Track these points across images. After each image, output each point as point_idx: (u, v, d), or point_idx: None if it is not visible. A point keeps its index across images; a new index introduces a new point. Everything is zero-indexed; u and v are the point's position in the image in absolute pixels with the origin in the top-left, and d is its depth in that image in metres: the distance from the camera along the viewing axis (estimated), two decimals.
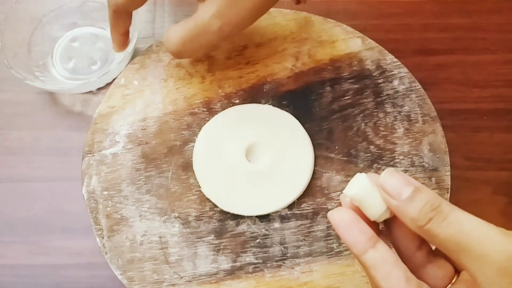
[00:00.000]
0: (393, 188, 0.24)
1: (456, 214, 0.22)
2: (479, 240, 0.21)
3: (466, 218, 0.22)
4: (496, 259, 0.21)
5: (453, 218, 0.22)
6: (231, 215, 0.34)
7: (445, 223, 0.22)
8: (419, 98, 0.37)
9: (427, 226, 0.23)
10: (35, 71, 0.42)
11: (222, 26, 0.32)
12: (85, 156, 0.36)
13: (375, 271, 0.24)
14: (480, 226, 0.22)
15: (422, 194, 0.23)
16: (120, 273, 0.33)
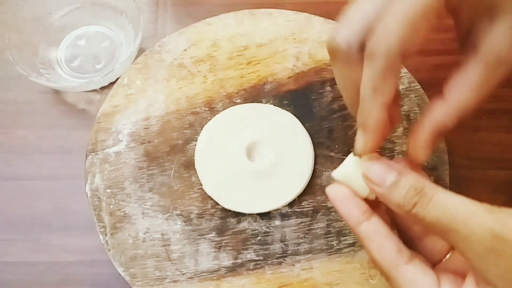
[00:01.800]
0: (376, 176, 0.24)
1: (440, 196, 0.22)
2: (464, 220, 0.21)
3: (450, 199, 0.22)
4: (482, 237, 0.21)
5: (437, 200, 0.22)
6: (232, 213, 0.34)
7: (430, 206, 0.22)
8: (418, 98, 0.37)
9: (413, 211, 0.23)
10: (40, 68, 0.42)
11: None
12: (88, 155, 0.36)
13: (369, 242, 0.25)
14: (464, 205, 0.22)
15: (405, 179, 0.23)
16: (122, 270, 0.33)
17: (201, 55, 0.40)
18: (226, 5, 0.44)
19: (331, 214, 0.34)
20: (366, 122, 0.25)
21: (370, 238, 0.25)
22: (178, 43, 0.40)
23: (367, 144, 0.25)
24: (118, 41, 0.44)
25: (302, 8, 0.41)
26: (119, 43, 0.44)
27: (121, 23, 0.44)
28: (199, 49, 0.40)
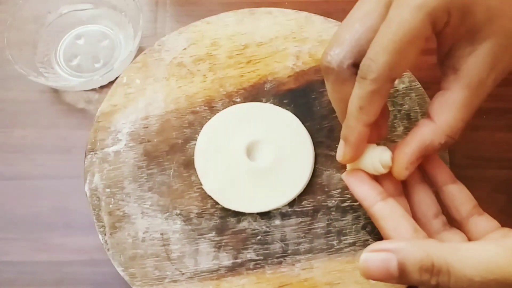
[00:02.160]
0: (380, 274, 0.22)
1: (457, 268, 0.21)
2: (496, 283, 0.21)
3: (469, 267, 0.21)
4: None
5: (457, 275, 0.21)
6: (232, 212, 0.34)
7: (454, 282, 0.21)
8: (418, 97, 0.37)
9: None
10: (39, 68, 0.42)
11: (496, 77, 0.26)
12: (87, 154, 0.36)
13: (384, 221, 0.25)
14: (487, 263, 0.21)
15: (410, 263, 0.22)
16: (122, 270, 0.33)
17: (201, 54, 0.39)
18: (226, 4, 0.44)
19: (331, 213, 0.34)
20: (348, 136, 0.26)
21: (386, 217, 0.25)
22: (178, 42, 0.40)
23: (346, 155, 0.27)
24: (118, 40, 0.44)
25: (302, 7, 0.41)
26: (118, 42, 0.44)
27: (120, 22, 0.44)
28: (198, 48, 0.40)
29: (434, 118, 0.26)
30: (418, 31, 0.23)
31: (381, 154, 0.27)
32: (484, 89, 0.25)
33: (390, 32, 0.23)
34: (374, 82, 0.24)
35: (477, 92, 0.25)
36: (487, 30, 0.24)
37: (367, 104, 0.25)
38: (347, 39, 0.26)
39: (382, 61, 0.24)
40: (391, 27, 0.23)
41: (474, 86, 0.25)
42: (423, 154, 0.26)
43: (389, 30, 0.23)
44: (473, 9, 0.23)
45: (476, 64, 0.25)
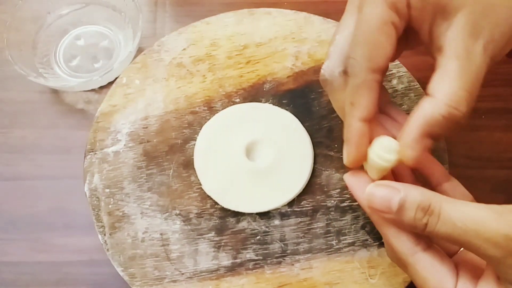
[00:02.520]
0: (381, 205, 0.24)
1: (446, 211, 0.23)
2: (476, 232, 0.22)
3: (457, 212, 0.22)
4: (497, 244, 0.21)
5: (445, 217, 0.22)
6: (231, 212, 0.34)
7: (439, 224, 0.23)
8: (418, 97, 0.37)
9: (426, 231, 0.23)
10: (39, 68, 0.42)
11: (485, 46, 0.24)
12: (87, 154, 0.36)
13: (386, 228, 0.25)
14: (473, 215, 0.22)
15: (410, 200, 0.23)
16: (121, 270, 0.33)
17: (200, 55, 0.39)
18: (225, 5, 0.44)
19: (330, 213, 0.34)
20: (347, 135, 0.26)
21: (388, 223, 0.25)
22: (177, 43, 0.40)
23: (348, 155, 0.26)
24: (117, 41, 0.44)
25: (302, 7, 0.41)
26: (118, 42, 0.44)
27: (120, 22, 0.44)
28: (198, 48, 0.40)
29: (432, 93, 0.25)
30: (381, 18, 0.24)
31: (383, 141, 0.25)
32: (476, 57, 0.24)
33: (359, 27, 0.25)
34: (357, 76, 0.25)
35: (468, 60, 0.24)
36: (456, 1, 0.24)
37: (356, 98, 0.25)
38: (332, 51, 0.28)
39: (359, 54, 0.25)
40: (359, 23, 0.25)
41: (462, 55, 0.24)
42: (428, 130, 0.24)
43: (358, 26, 0.25)
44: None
45: (456, 36, 0.24)
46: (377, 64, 0.25)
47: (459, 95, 0.24)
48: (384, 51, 0.25)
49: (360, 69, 0.25)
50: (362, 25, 0.25)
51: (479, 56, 0.24)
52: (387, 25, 0.25)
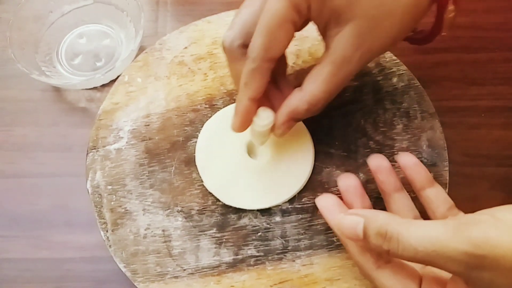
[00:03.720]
0: (350, 233, 0.26)
1: (405, 237, 0.24)
2: (436, 253, 0.23)
3: (415, 237, 0.23)
4: (460, 262, 0.22)
5: (404, 243, 0.24)
6: (233, 209, 0.35)
7: (401, 250, 0.24)
8: (417, 95, 0.38)
9: (391, 255, 0.25)
10: (41, 66, 0.42)
11: (362, 55, 0.28)
12: (89, 152, 0.36)
13: (351, 246, 0.28)
14: (430, 237, 0.23)
15: (370, 227, 0.25)
16: (124, 266, 0.33)
17: (202, 53, 0.40)
18: (226, 3, 0.44)
19: None
20: (237, 107, 0.30)
21: (351, 243, 0.28)
22: (179, 41, 0.40)
23: (235, 124, 0.31)
24: (119, 39, 0.45)
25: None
26: (120, 41, 0.45)
27: (121, 21, 0.45)
28: (199, 46, 0.40)
29: (303, 87, 0.30)
30: (283, 16, 0.27)
31: (260, 112, 0.31)
32: (349, 66, 0.28)
33: (263, 18, 0.27)
34: (254, 61, 0.28)
35: (341, 68, 0.28)
36: (349, 14, 0.27)
37: (250, 80, 0.29)
38: (236, 23, 0.30)
39: (258, 43, 0.28)
40: (264, 14, 0.27)
41: (338, 62, 0.28)
42: (292, 117, 0.30)
43: (263, 17, 0.27)
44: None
45: (340, 44, 0.28)
46: (272, 55, 0.28)
47: (320, 97, 0.29)
48: (281, 44, 0.28)
49: (257, 56, 0.28)
50: (265, 16, 0.27)
51: (353, 64, 0.29)
52: (287, 23, 0.28)
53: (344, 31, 0.28)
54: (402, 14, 0.28)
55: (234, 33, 0.30)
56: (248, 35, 0.29)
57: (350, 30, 0.27)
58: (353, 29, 0.27)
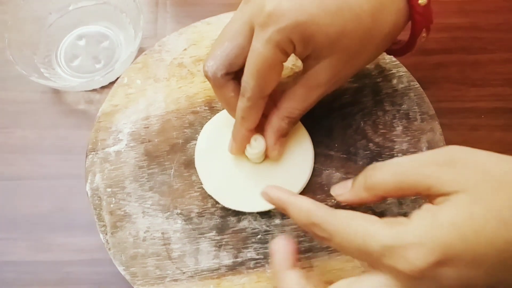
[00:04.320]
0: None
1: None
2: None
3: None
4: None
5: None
6: (232, 212, 0.35)
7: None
8: (417, 96, 0.38)
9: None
10: (40, 68, 0.42)
11: (336, 82, 0.32)
12: (88, 154, 0.36)
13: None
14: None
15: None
16: (123, 269, 0.33)
17: (201, 55, 0.40)
18: (226, 5, 0.44)
19: None
20: (235, 136, 0.33)
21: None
22: (178, 43, 0.40)
23: (232, 149, 0.34)
24: (118, 41, 0.45)
25: None
26: (119, 43, 0.44)
27: (121, 23, 0.45)
28: (199, 48, 0.40)
29: (279, 106, 0.32)
30: (272, 59, 0.29)
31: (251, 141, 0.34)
32: (322, 89, 0.31)
33: (253, 62, 0.29)
34: (249, 100, 0.30)
35: (314, 91, 0.31)
36: (329, 50, 0.29)
37: (247, 115, 0.31)
38: (218, 54, 0.31)
39: (252, 84, 0.30)
40: (253, 57, 0.29)
41: (312, 86, 0.31)
42: (279, 134, 0.33)
43: (252, 60, 0.29)
44: (313, 38, 0.28)
45: (316, 72, 0.31)
46: (266, 93, 0.31)
47: (296, 113, 0.32)
48: (274, 82, 0.31)
49: (252, 96, 0.30)
50: (254, 60, 0.29)
51: (327, 87, 0.31)
52: (277, 65, 0.30)
53: (322, 63, 0.30)
54: (378, 44, 0.31)
55: (216, 64, 0.31)
56: (231, 66, 0.31)
57: (328, 63, 0.30)
58: (331, 62, 0.30)
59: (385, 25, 0.30)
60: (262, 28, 0.28)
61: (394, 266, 0.22)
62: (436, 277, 0.21)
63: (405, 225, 0.22)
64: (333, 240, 0.25)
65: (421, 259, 0.21)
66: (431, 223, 0.22)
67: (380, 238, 0.22)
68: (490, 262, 0.21)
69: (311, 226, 0.26)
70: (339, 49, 0.29)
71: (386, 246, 0.22)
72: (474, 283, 0.21)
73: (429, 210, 0.22)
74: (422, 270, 0.21)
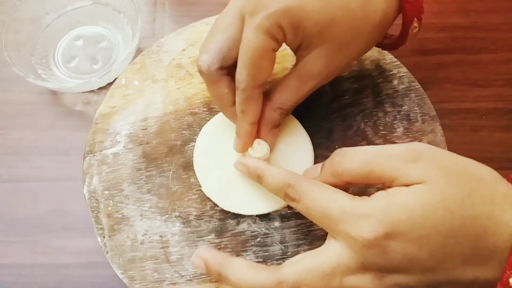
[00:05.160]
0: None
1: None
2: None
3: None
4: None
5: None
6: (231, 214, 0.34)
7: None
8: (418, 97, 0.37)
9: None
10: (37, 69, 0.42)
11: (328, 73, 0.32)
12: (86, 156, 0.36)
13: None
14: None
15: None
16: (121, 272, 0.33)
17: None
18: (225, 5, 0.43)
19: None
20: (239, 132, 0.33)
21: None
22: (176, 43, 0.40)
23: (238, 146, 0.33)
24: (116, 42, 0.44)
25: None
26: (117, 43, 0.44)
27: (118, 23, 0.44)
28: (197, 49, 0.39)
29: (271, 97, 0.33)
30: (263, 46, 0.29)
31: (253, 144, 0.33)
32: (314, 81, 0.32)
33: (245, 51, 0.29)
34: (245, 91, 0.30)
35: (306, 82, 0.32)
36: (319, 39, 0.30)
37: (246, 108, 0.31)
38: (212, 47, 0.31)
39: (245, 74, 0.30)
40: (244, 46, 0.29)
41: (303, 78, 0.31)
42: (272, 126, 0.33)
43: (243, 49, 0.29)
44: (303, 24, 0.29)
45: (307, 63, 0.31)
46: (260, 82, 0.30)
47: (288, 104, 0.32)
48: (266, 71, 0.31)
49: (247, 86, 0.30)
50: (245, 49, 0.29)
51: (319, 79, 0.32)
52: (268, 52, 0.30)
53: (313, 53, 0.30)
54: (369, 33, 0.31)
55: (210, 58, 0.31)
56: (225, 59, 0.31)
57: (319, 52, 0.30)
58: (322, 52, 0.30)
59: (375, 14, 0.30)
60: (252, 16, 0.29)
61: (348, 232, 0.24)
62: (384, 249, 0.23)
63: (364, 200, 0.25)
64: (301, 201, 0.27)
65: (371, 229, 0.23)
66: (386, 202, 0.24)
67: (341, 203, 0.25)
68: (434, 245, 0.23)
69: (285, 187, 0.27)
70: (329, 38, 0.30)
71: (345, 212, 0.25)
72: (417, 262, 0.23)
73: (388, 192, 0.25)
74: (371, 239, 0.23)
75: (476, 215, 0.23)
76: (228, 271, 0.27)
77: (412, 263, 0.24)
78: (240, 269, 0.27)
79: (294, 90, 0.32)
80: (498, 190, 0.24)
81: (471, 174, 0.25)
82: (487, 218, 0.23)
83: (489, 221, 0.23)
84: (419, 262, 0.23)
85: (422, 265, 0.24)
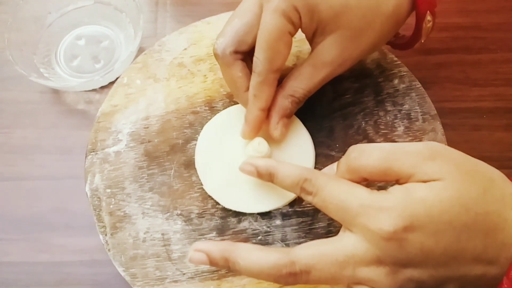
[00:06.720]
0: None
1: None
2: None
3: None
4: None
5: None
6: (233, 213, 0.34)
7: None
8: (419, 96, 0.37)
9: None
10: (39, 68, 0.42)
11: (342, 62, 0.32)
12: (88, 154, 0.36)
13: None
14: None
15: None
16: (123, 270, 0.33)
17: (201, 54, 0.39)
18: (226, 4, 0.44)
19: None
20: (248, 117, 0.33)
21: None
22: (178, 42, 0.40)
23: (245, 132, 0.33)
24: (118, 41, 0.44)
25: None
26: (119, 42, 0.44)
27: (120, 22, 0.44)
28: (199, 48, 0.40)
29: (283, 84, 0.33)
30: (280, 29, 0.30)
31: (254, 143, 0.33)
32: (327, 69, 0.32)
33: (263, 34, 0.30)
34: (260, 74, 0.31)
35: (320, 70, 0.32)
36: (333, 25, 0.31)
37: (258, 92, 0.31)
38: (228, 31, 0.32)
39: (262, 57, 0.30)
40: (263, 30, 0.30)
41: (317, 65, 0.32)
42: (283, 114, 0.33)
43: (262, 32, 0.30)
44: (318, 8, 0.30)
45: (322, 50, 0.32)
46: (277, 66, 0.31)
47: (300, 92, 0.33)
48: (283, 55, 0.31)
49: (263, 69, 0.30)
50: (264, 32, 0.30)
51: (333, 68, 0.32)
52: (285, 35, 0.30)
53: (327, 40, 0.31)
54: (382, 23, 0.32)
55: (226, 40, 0.32)
56: (240, 43, 0.32)
57: (333, 39, 0.31)
58: (336, 38, 0.31)
59: (388, 4, 0.31)
60: (269, 0, 0.30)
61: (366, 225, 0.24)
62: (402, 242, 0.24)
63: (383, 194, 0.25)
64: (318, 194, 0.26)
65: (391, 222, 0.23)
66: (405, 196, 0.24)
67: (360, 196, 0.25)
68: (449, 240, 0.23)
69: (302, 182, 0.27)
70: (343, 24, 0.31)
71: (364, 205, 0.25)
72: (432, 256, 0.24)
73: (405, 187, 0.25)
74: (390, 232, 0.23)
75: (489, 212, 0.24)
76: (236, 255, 0.26)
77: (427, 257, 0.24)
78: (248, 251, 0.26)
79: (307, 77, 0.32)
80: (507, 190, 0.25)
81: (483, 174, 0.25)
82: (497, 216, 0.24)
83: (499, 218, 0.24)
84: (434, 257, 0.24)
85: (436, 259, 0.24)
